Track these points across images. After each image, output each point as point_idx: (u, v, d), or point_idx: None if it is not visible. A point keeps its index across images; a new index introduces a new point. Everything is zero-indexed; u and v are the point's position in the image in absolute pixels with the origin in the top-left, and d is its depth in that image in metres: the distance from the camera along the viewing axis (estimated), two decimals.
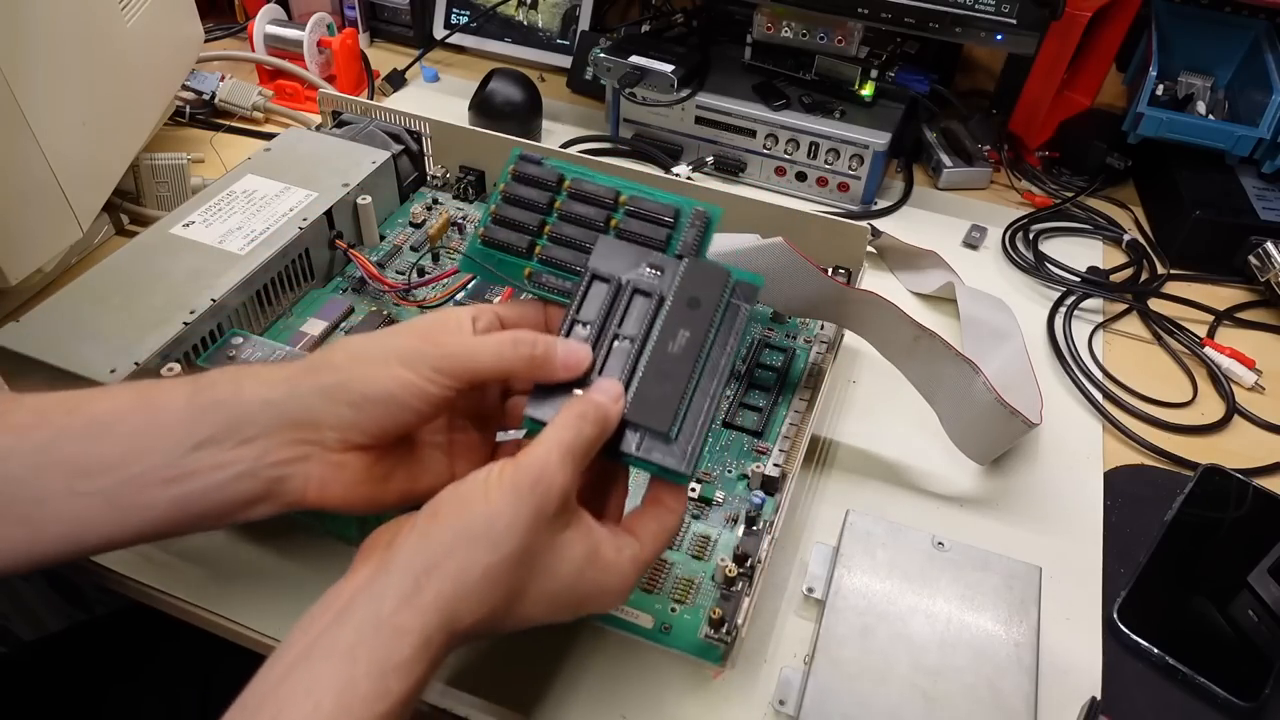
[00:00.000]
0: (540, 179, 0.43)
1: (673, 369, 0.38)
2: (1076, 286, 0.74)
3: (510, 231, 0.43)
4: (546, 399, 0.37)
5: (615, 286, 0.39)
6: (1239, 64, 0.83)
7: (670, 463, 0.37)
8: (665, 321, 0.39)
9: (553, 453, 0.34)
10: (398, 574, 0.32)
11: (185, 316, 0.52)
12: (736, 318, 0.39)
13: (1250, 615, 0.50)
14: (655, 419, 0.37)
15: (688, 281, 0.39)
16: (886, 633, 0.46)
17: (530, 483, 0.33)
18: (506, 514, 0.33)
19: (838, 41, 0.79)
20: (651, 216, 0.42)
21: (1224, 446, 0.62)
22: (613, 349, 0.38)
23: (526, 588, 0.34)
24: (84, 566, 0.51)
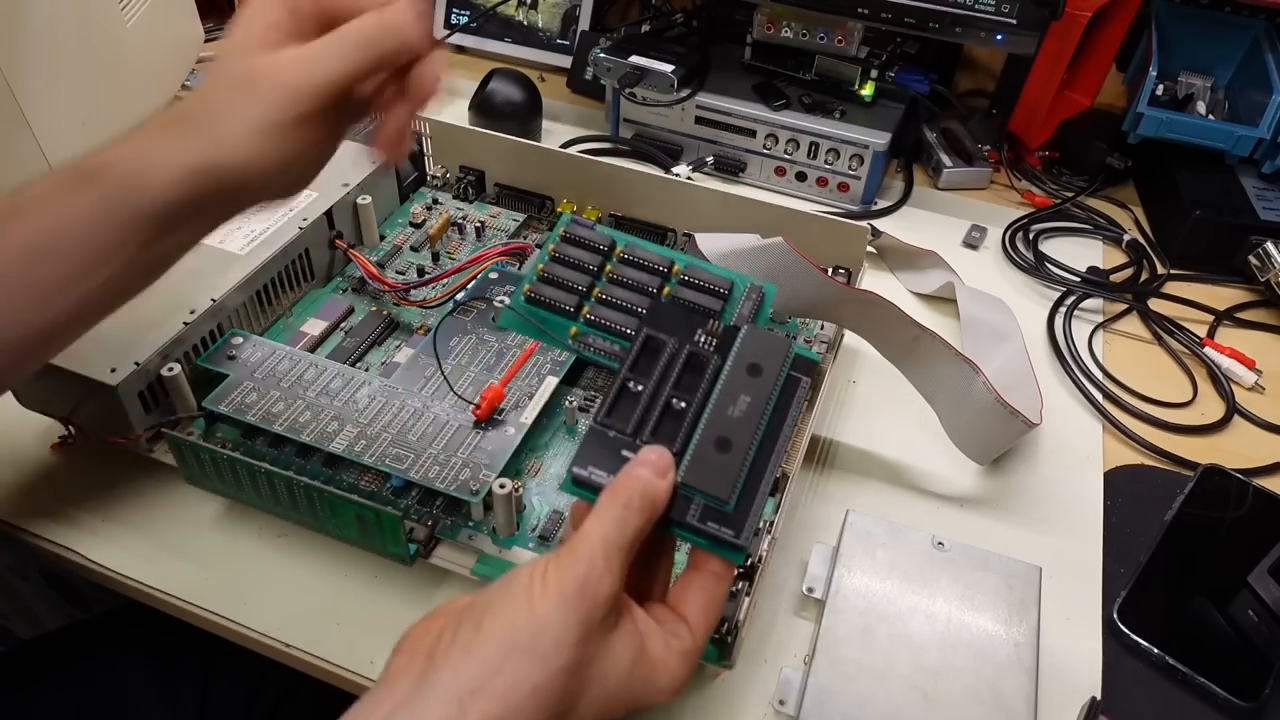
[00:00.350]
0: (591, 242, 0.42)
1: (734, 433, 0.35)
2: (1076, 286, 0.74)
3: (557, 290, 0.41)
4: (592, 458, 0.35)
5: (671, 350, 0.37)
6: (1239, 64, 0.83)
7: (727, 535, 0.34)
8: (725, 385, 0.36)
9: (598, 554, 0.32)
10: (441, 695, 0.30)
11: (185, 316, 0.52)
12: (796, 390, 0.37)
13: (1250, 615, 0.50)
14: (714, 485, 0.34)
15: (748, 347, 0.37)
16: (886, 633, 0.46)
17: (578, 592, 0.31)
18: (554, 628, 0.31)
19: (838, 41, 0.79)
20: (706, 287, 0.41)
21: (1224, 446, 0.62)
22: (669, 408, 0.36)
23: (577, 700, 0.32)
24: (83, 566, 0.51)
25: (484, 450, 0.49)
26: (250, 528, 0.52)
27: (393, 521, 0.45)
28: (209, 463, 0.48)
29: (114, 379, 0.48)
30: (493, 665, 0.30)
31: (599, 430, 0.36)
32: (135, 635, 0.61)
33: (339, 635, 0.48)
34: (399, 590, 0.49)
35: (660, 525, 0.34)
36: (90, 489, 0.54)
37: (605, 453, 0.35)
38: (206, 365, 0.53)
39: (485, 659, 0.31)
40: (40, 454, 0.56)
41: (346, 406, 0.51)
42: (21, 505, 0.53)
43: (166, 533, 0.52)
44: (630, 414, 0.36)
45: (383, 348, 0.59)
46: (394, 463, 0.48)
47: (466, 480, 0.47)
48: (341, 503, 0.45)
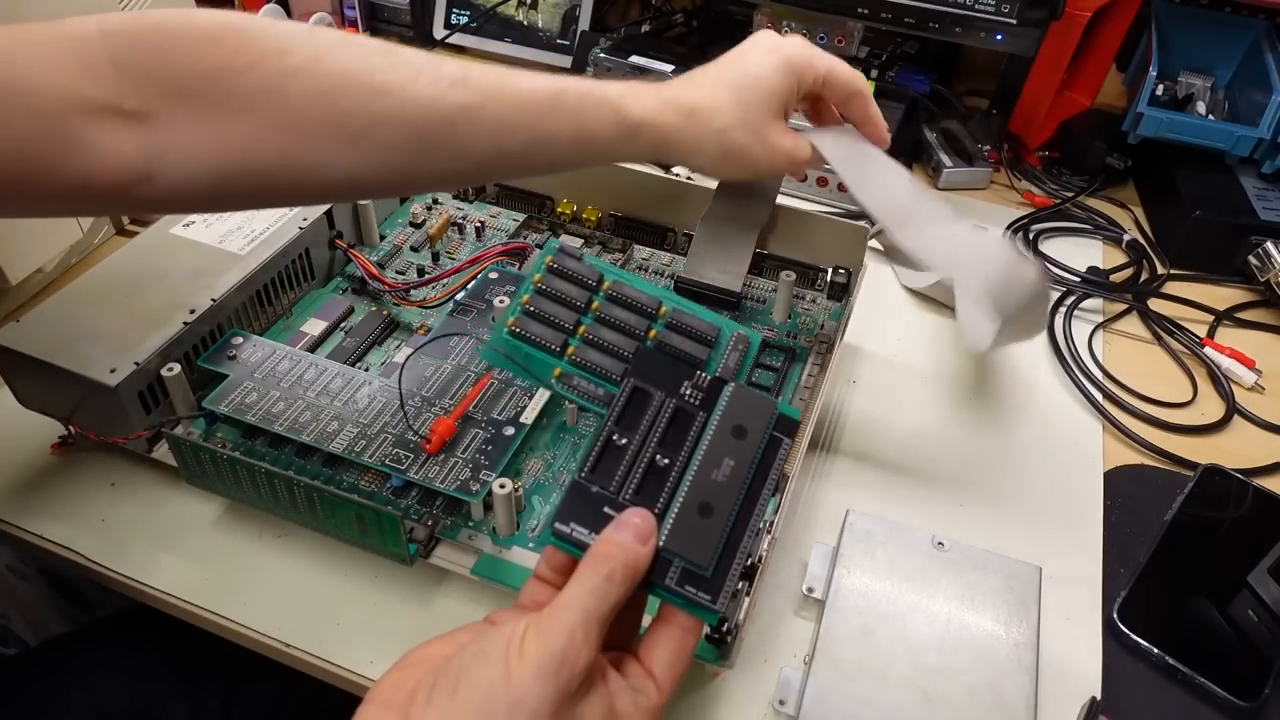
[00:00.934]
0: (579, 276, 0.42)
1: (716, 500, 0.35)
2: (1076, 286, 0.74)
3: (543, 327, 0.41)
4: (575, 514, 0.34)
5: (657, 403, 0.37)
6: (1239, 64, 0.83)
7: (704, 600, 0.34)
8: (709, 447, 0.36)
9: (578, 627, 0.32)
10: None
11: (185, 316, 0.52)
12: (777, 452, 0.37)
13: (1250, 615, 0.50)
14: (696, 553, 0.34)
15: (733, 408, 0.37)
16: (886, 633, 0.46)
17: (556, 665, 0.31)
18: (530, 700, 0.30)
19: (838, 41, 0.79)
20: (693, 333, 0.41)
21: (1224, 446, 0.62)
22: (652, 465, 0.36)
23: None
24: (83, 566, 0.51)
25: (484, 450, 0.49)
26: (250, 528, 0.52)
27: (393, 521, 0.45)
28: (209, 463, 0.48)
29: (114, 379, 0.48)
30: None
31: (582, 485, 0.35)
32: (155, 638, 0.61)
33: (339, 635, 0.48)
34: (399, 590, 0.49)
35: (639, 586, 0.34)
36: (90, 489, 0.54)
37: (587, 509, 0.35)
38: (206, 365, 0.53)
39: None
40: (40, 454, 0.56)
41: (346, 406, 0.51)
42: (21, 505, 0.53)
43: (166, 533, 0.52)
44: (614, 470, 0.36)
45: (383, 348, 0.59)
46: (394, 463, 0.48)
47: (466, 480, 0.47)
48: (341, 503, 0.45)
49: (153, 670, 0.60)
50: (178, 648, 0.60)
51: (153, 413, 0.51)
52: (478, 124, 0.44)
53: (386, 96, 0.41)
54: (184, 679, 0.59)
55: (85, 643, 0.62)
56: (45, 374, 0.49)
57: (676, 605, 0.35)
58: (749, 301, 0.64)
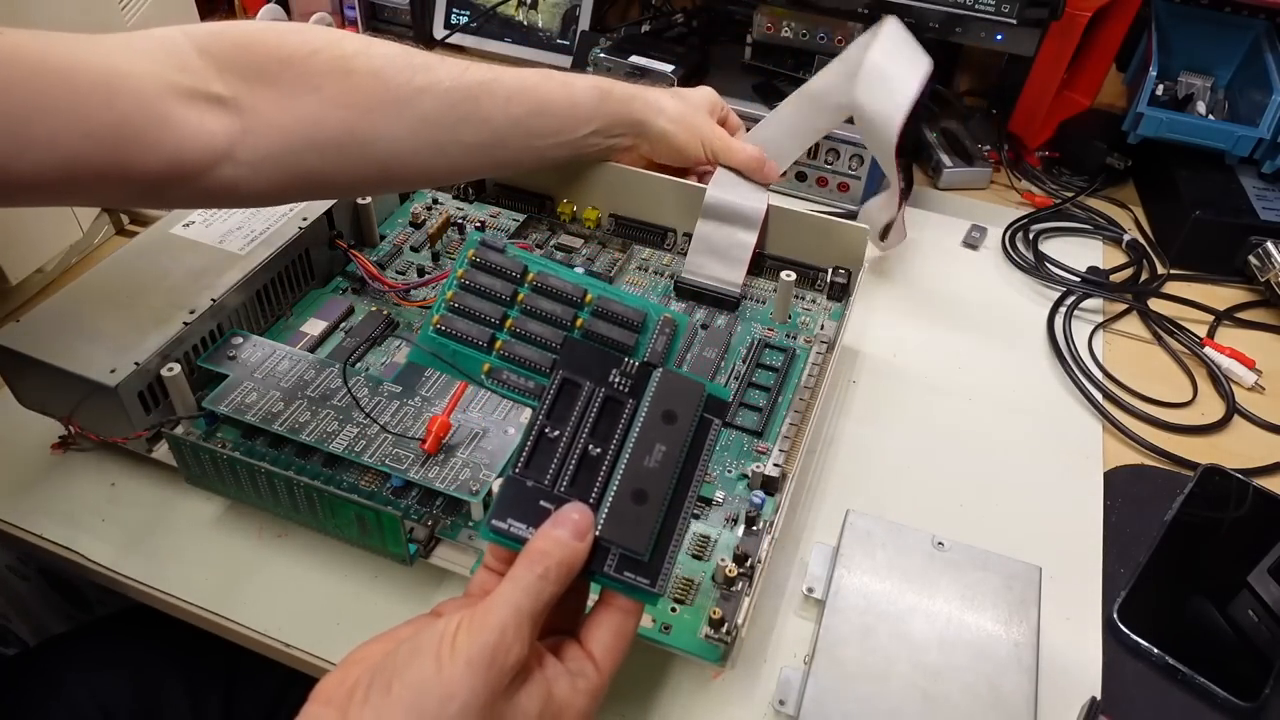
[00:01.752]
0: (502, 268, 0.41)
1: (649, 485, 0.36)
2: (1076, 286, 0.74)
3: (469, 322, 0.40)
4: (511, 509, 0.35)
5: (586, 393, 0.37)
6: (1239, 64, 0.83)
7: (644, 583, 0.35)
8: (640, 434, 0.36)
9: (509, 624, 0.32)
10: None
11: (185, 316, 0.52)
12: (708, 432, 0.37)
13: (1250, 615, 0.50)
14: (632, 539, 0.35)
15: (662, 393, 0.37)
16: (886, 633, 0.46)
17: (488, 660, 0.32)
18: (461, 694, 0.31)
19: (838, 41, 0.79)
20: (618, 319, 0.41)
21: (1224, 446, 0.62)
22: (585, 456, 0.36)
23: None
24: (83, 566, 0.51)
25: (484, 450, 0.49)
26: (250, 528, 0.52)
27: (393, 521, 0.45)
28: (209, 463, 0.48)
29: (113, 379, 0.48)
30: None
31: (517, 481, 0.35)
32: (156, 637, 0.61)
33: (339, 635, 0.48)
34: (399, 590, 0.49)
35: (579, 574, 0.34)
36: (90, 489, 0.54)
37: (524, 503, 0.35)
38: (206, 365, 0.53)
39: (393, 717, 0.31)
40: (40, 454, 0.56)
41: (346, 406, 0.51)
42: (21, 505, 0.53)
43: (166, 533, 0.52)
44: (547, 464, 0.36)
45: (383, 348, 0.59)
46: (394, 463, 0.48)
47: (466, 480, 0.47)
48: (341, 503, 0.45)
49: (153, 669, 0.60)
50: (178, 647, 0.60)
51: (153, 413, 0.51)
52: (494, 94, 0.53)
53: (426, 72, 0.50)
54: (184, 678, 0.59)
55: (85, 642, 0.62)
56: (45, 374, 0.49)
57: (617, 590, 0.35)
58: (749, 301, 0.64)
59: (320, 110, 0.47)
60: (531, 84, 0.56)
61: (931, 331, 0.69)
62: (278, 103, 0.46)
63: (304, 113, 0.46)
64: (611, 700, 0.45)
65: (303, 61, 0.46)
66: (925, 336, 0.69)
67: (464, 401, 0.51)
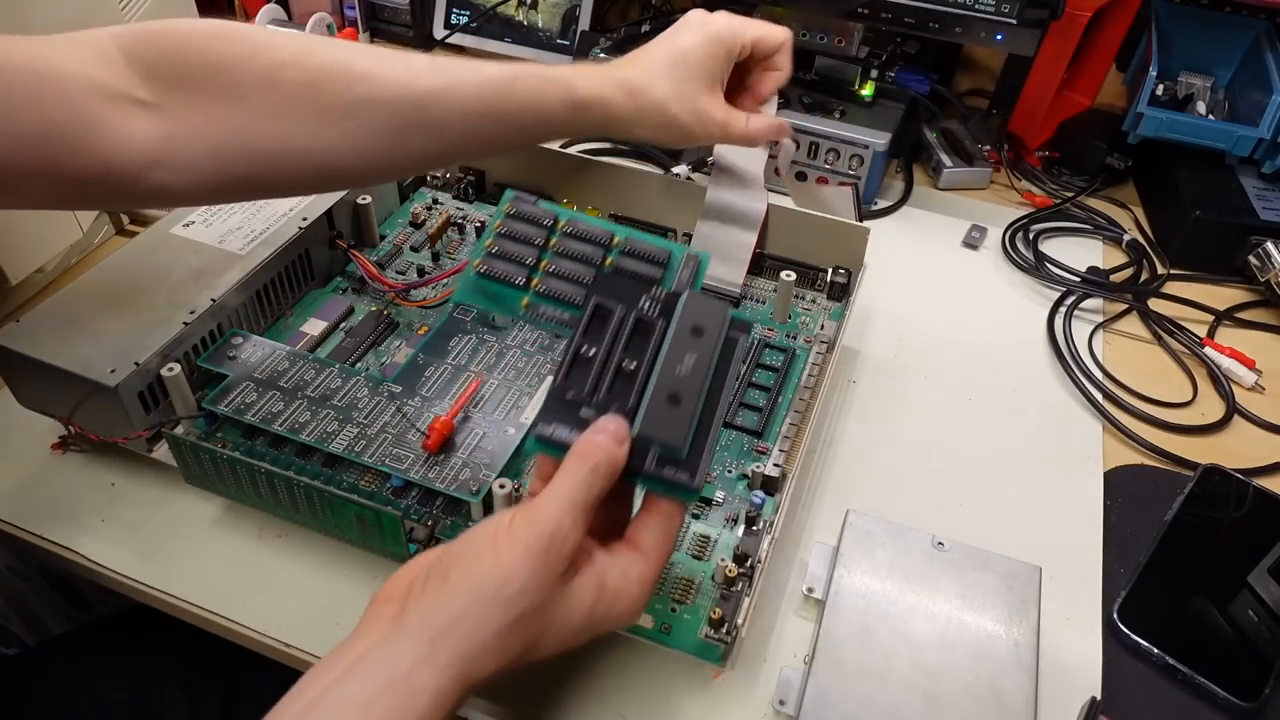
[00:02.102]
0: (536, 218, 0.46)
1: (682, 390, 0.38)
2: (1076, 286, 0.74)
3: (507, 264, 0.45)
4: (555, 417, 0.37)
5: (619, 316, 0.40)
6: (1239, 64, 0.83)
7: (682, 479, 0.37)
8: (671, 345, 0.39)
9: (565, 513, 0.34)
10: (413, 635, 0.33)
11: (185, 316, 0.52)
12: (736, 347, 0.40)
13: (1250, 615, 0.50)
14: (669, 435, 0.37)
15: (690, 311, 0.40)
16: (886, 633, 0.46)
17: (544, 547, 0.34)
18: (519, 577, 0.33)
19: (838, 41, 0.79)
20: (645, 256, 0.44)
21: (1224, 446, 0.62)
22: (620, 370, 0.38)
23: (542, 637, 0.35)
24: (83, 566, 0.51)
25: (484, 450, 0.49)
26: (250, 528, 0.52)
27: (393, 521, 0.45)
28: (209, 463, 0.48)
29: (113, 379, 0.48)
30: (461, 610, 0.33)
31: (558, 392, 0.38)
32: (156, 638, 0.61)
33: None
34: None
35: (621, 477, 0.37)
36: (90, 489, 0.54)
37: (565, 413, 0.38)
38: (206, 365, 0.53)
39: (454, 604, 0.33)
40: (40, 454, 0.56)
41: (346, 406, 0.51)
42: (21, 505, 0.53)
43: (167, 533, 0.52)
44: (585, 376, 0.38)
45: (383, 348, 0.59)
46: (394, 463, 0.48)
47: (466, 480, 0.47)
48: (341, 503, 0.45)
49: (152, 670, 0.60)
50: (177, 648, 0.60)
51: (153, 413, 0.51)
52: (446, 105, 0.49)
53: (365, 81, 0.47)
54: (184, 678, 0.59)
55: (85, 642, 0.62)
56: (45, 374, 0.49)
57: (658, 490, 0.38)
58: (749, 301, 0.64)
59: (249, 120, 0.45)
60: (493, 93, 0.50)
61: (931, 331, 0.69)
62: (204, 111, 0.44)
63: (232, 122, 0.45)
64: (611, 700, 0.45)
65: (230, 70, 0.44)
66: (925, 336, 0.69)
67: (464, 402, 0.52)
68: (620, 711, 0.45)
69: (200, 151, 0.44)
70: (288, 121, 0.45)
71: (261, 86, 0.45)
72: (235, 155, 0.45)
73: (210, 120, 0.44)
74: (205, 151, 0.44)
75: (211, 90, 0.44)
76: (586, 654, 0.47)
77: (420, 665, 0.32)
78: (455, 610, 0.33)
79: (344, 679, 0.33)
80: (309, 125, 0.46)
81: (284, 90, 0.45)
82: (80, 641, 0.63)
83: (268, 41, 0.46)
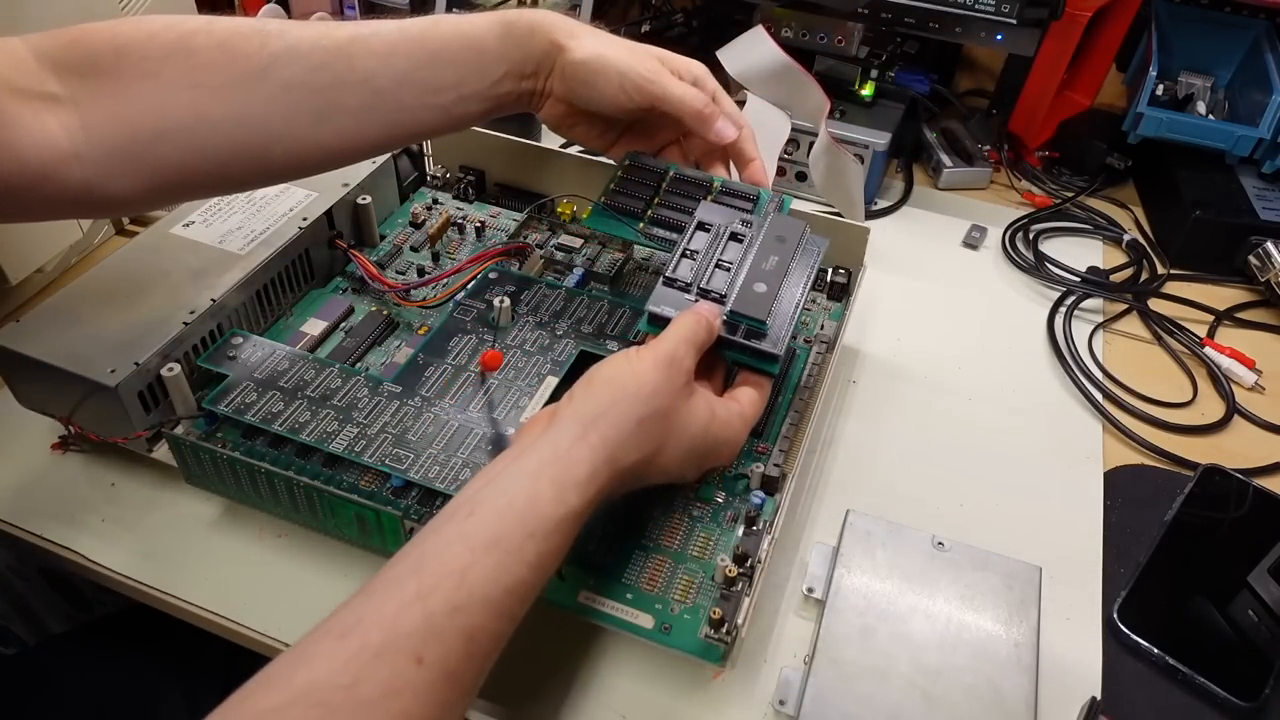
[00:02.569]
0: (650, 167, 0.58)
1: (768, 280, 0.48)
2: (1076, 286, 0.74)
3: (627, 198, 0.57)
4: (664, 300, 0.48)
5: (716, 230, 0.51)
6: (1239, 64, 0.83)
7: (766, 346, 0.47)
8: (759, 248, 0.50)
9: (681, 341, 0.43)
10: (568, 422, 0.40)
11: (185, 316, 0.52)
12: (814, 254, 0.52)
13: (1250, 615, 0.50)
14: (755, 310, 0.47)
15: (774, 226, 0.52)
16: (886, 633, 0.46)
17: (667, 360, 0.42)
18: (650, 381, 0.41)
19: (838, 42, 0.79)
20: (739, 193, 0.56)
21: (1224, 446, 0.62)
22: (718, 266, 0.49)
23: (668, 440, 0.42)
24: (83, 566, 0.51)
25: (484, 450, 0.49)
26: (250, 528, 0.52)
27: (393, 521, 0.45)
28: (209, 463, 0.48)
29: (113, 379, 0.48)
30: (608, 402, 0.41)
31: (667, 281, 0.49)
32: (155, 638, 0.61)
33: None
34: None
35: (716, 347, 0.47)
36: (90, 489, 0.54)
37: (672, 296, 0.48)
38: (206, 365, 0.53)
39: (601, 399, 0.41)
40: (40, 454, 0.56)
41: (346, 406, 0.51)
42: (21, 505, 0.53)
43: (167, 533, 0.52)
44: (689, 269, 0.49)
45: (383, 348, 0.59)
46: (394, 463, 0.48)
47: (467, 480, 0.47)
48: (341, 503, 0.45)
49: (151, 671, 0.60)
50: (176, 649, 0.60)
51: (153, 413, 0.51)
52: (370, 49, 0.48)
53: (280, 37, 0.46)
54: (183, 679, 0.59)
55: (85, 643, 0.62)
56: (45, 374, 0.49)
57: (745, 361, 0.48)
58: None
59: (163, 95, 0.43)
60: (417, 32, 0.49)
61: (931, 331, 0.69)
62: (116, 93, 0.43)
63: (146, 100, 0.43)
64: (611, 700, 0.45)
65: (140, 47, 0.43)
66: (925, 336, 0.69)
67: (463, 401, 0.52)
68: (620, 711, 0.45)
69: (116, 137, 0.43)
70: (203, 91, 0.44)
71: (172, 58, 0.44)
72: (154, 138, 0.44)
73: (123, 103, 0.43)
74: (120, 137, 0.43)
75: (123, 72, 0.43)
76: (587, 654, 0.47)
77: (577, 443, 0.39)
78: (603, 404, 0.40)
79: (517, 459, 0.39)
80: (226, 91, 0.44)
81: (196, 58, 0.44)
82: (80, 642, 0.63)
83: (174, 19, 0.45)
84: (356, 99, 0.48)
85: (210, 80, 0.44)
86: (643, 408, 0.41)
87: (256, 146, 0.46)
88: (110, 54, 0.43)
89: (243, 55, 0.45)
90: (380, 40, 0.48)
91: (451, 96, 0.51)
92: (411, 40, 0.49)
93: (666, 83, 0.53)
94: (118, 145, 0.43)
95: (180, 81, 0.44)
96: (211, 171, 0.46)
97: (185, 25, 0.45)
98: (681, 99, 0.53)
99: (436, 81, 0.50)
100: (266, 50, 0.45)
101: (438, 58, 0.49)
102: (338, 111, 0.47)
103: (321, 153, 0.49)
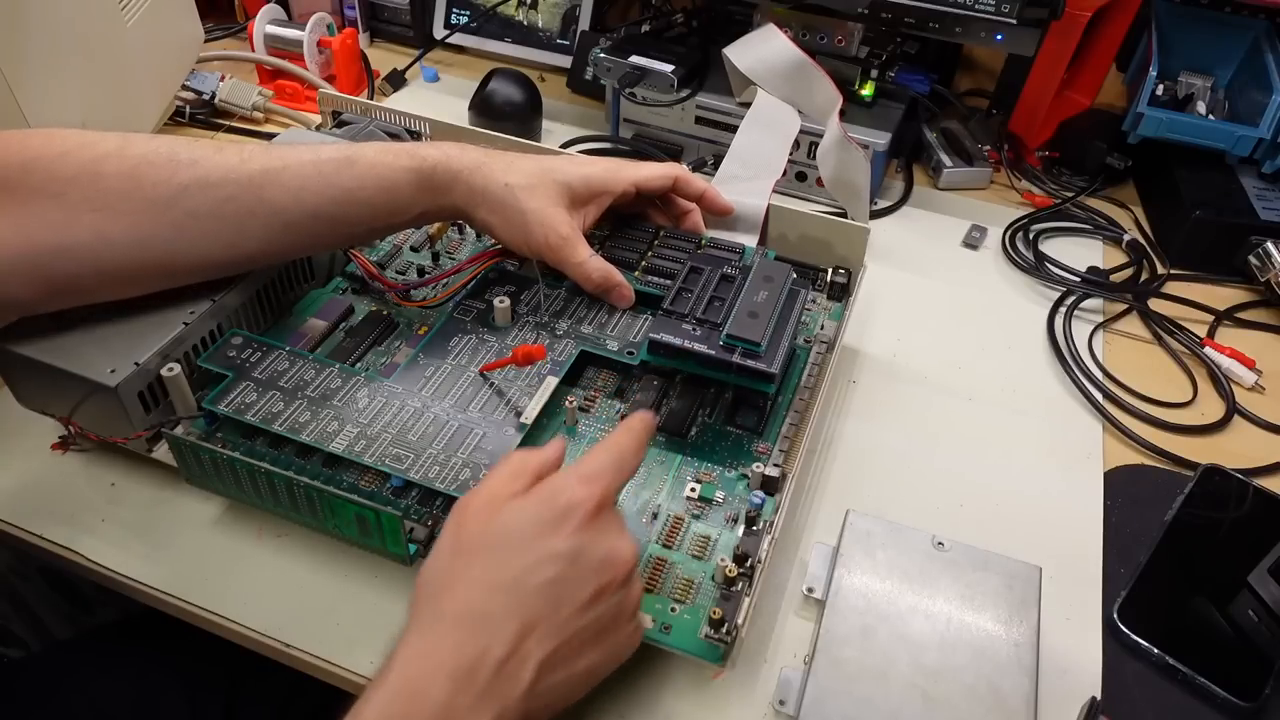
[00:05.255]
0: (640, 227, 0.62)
1: (759, 310, 0.52)
2: (1076, 286, 0.74)
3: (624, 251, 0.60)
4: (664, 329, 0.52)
5: (709, 272, 0.55)
6: (1239, 64, 0.83)
7: (762, 366, 0.50)
8: (749, 285, 0.54)
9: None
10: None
11: (185, 316, 0.52)
12: (799, 294, 0.55)
13: (1250, 615, 0.50)
14: (750, 334, 0.50)
15: (762, 267, 0.56)
16: (886, 633, 0.46)
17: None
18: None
19: (838, 41, 0.79)
20: (726, 246, 0.60)
21: (1224, 446, 0.62)
22: (711, 302, 0.53)
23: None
24: (83, 566, 0.51)
25: (484, 450, 0.49)
26: (250, 528, 0.52)
27: (393, 521, 0.45)
28: (209, 463, 0.48)
29: (113, 379, 0.48)
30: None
31: (665, 311, 0.53)
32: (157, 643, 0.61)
33: (339, 635, 0.48)
34: (399, 590, 0.49)
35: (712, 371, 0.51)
36: (90, 489, 0.54)
37: (671, 325, 0.52)
38: (206, 365, 0.53)
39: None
40: (40, 454, 0.56)
41: (346, 406, 0.51)
42: (21, 505, 0.53)
43: (166, 533, 0.52)
44: (685, 303, 0.53)
45: (382, 348, 0.59)
46: (394, 463, 0.48)
47: (466, 480, 0.47)
48: (341, 503, 0.45)
49: (153, 678, 0.60)
50: (178, 656, 0.60)
51: (153, 413, 0.51)
52: (282, 184, 0.48)
53: (191, 167, 0.46)
54: (184, 688, 0.59)
55: (84, 649, 0.62)
56: (45, 374, 0.49)
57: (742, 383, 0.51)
58: None
59: (66, 214, 0.44)
60: (330, 171, 0.49)
61: (931, 331, 0.69)
62: (19, 211, 0.43)
63: (49, 217, 0.44)
64: (611, 700, 0.45)
65: (47, 165, 0.44)
66: (925, 336, 0.69)
67: (464, 401, 0.52)
68: (620, 711, 0.45)
69: (16, 253, 0.43)
70: (108, 215, 0.45)
71: (79, 180, 0.44)
72: (54, 254, 0.44)
73: (26, 219, 0.43)
74: (21, 252, 0.43)
75: (29, 189, 0.43)
76: None
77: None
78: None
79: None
80: (132, 217, 0.45)
81: (104, 183, 0.44)
82: (81, 647, 0.63)
83: (89, 138, 0.45)
84: (266, 229, 0.49)
85: (116, 205, 0.45)
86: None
87: (160, 264, 0.48)
88: (17, 168, 0.44)
89: (150, 183, 0.45)
90: (292, 175, 0.48)
91: (364, 229, 0.53)
92: (324, 178, 0.49)
93: (570, 253, 0.54)
94: (20, 255, 0.44)
95: (84, 205, 0.44)
96: (113, 284, 0.48)
97: (98, 148, 0.45)
98: (581, 265, 0.54)
99: (349, 217, 0.51)
100: (176, 180, 0.46)
101: (352, 196, 0.50)
102: (246, 238, 0.49)
103: (230, 267, 0.51)
